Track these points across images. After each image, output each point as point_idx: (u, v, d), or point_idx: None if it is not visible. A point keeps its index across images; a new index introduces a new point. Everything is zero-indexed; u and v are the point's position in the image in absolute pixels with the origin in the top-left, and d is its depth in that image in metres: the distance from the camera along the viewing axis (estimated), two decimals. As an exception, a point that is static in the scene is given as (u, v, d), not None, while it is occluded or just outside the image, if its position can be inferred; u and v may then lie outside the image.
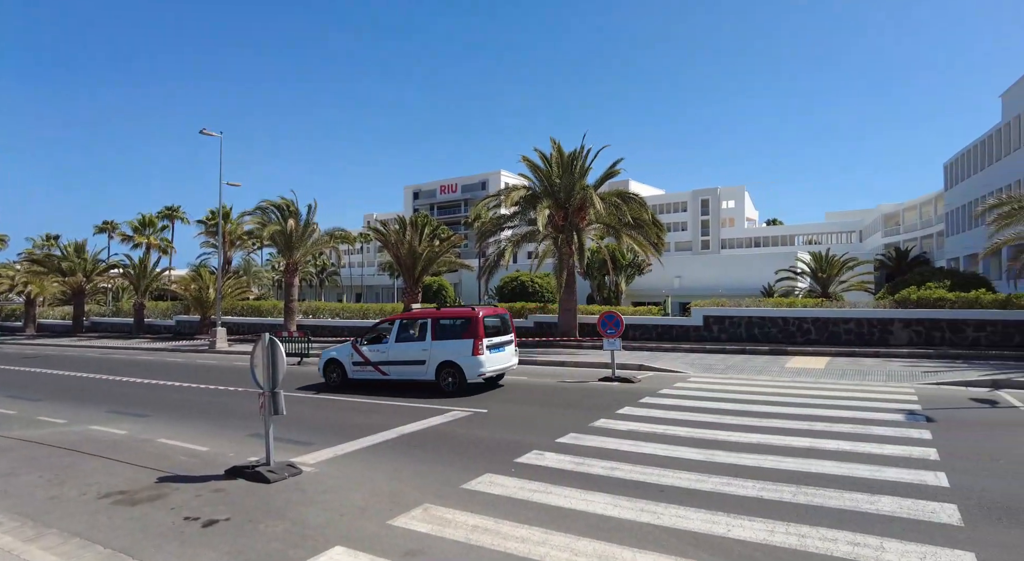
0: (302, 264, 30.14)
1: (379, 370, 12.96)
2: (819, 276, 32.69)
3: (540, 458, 7.02)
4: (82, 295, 37.52)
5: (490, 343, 12.31)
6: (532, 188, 21.79)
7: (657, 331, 21.02)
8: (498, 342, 12.63)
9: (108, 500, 5.83)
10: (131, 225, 50.32)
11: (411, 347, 12.66)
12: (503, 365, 12.72)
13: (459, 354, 12.09)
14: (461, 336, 12.24)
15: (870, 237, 68.05)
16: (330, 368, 13.68)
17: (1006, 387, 11.41)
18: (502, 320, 13.34)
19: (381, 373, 12.94)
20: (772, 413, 9.17)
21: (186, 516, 5.35)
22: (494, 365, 12.36)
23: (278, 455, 7.03)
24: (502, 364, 12.67)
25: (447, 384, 12.17)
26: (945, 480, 5.84)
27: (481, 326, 12.16)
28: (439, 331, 12.54)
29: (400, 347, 12.78)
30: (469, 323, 12.27)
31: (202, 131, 25.63)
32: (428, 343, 12.46)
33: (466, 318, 12.42)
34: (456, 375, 12.11)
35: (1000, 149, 36.03)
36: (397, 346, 12.82)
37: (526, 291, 32.70)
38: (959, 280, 22.23)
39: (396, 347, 12.82)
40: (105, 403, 12.06)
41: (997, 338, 16.32)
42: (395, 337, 12.95)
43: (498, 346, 12.59)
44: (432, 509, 5.37)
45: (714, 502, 5.38)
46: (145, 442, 8.36)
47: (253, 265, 59.58)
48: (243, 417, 10.16)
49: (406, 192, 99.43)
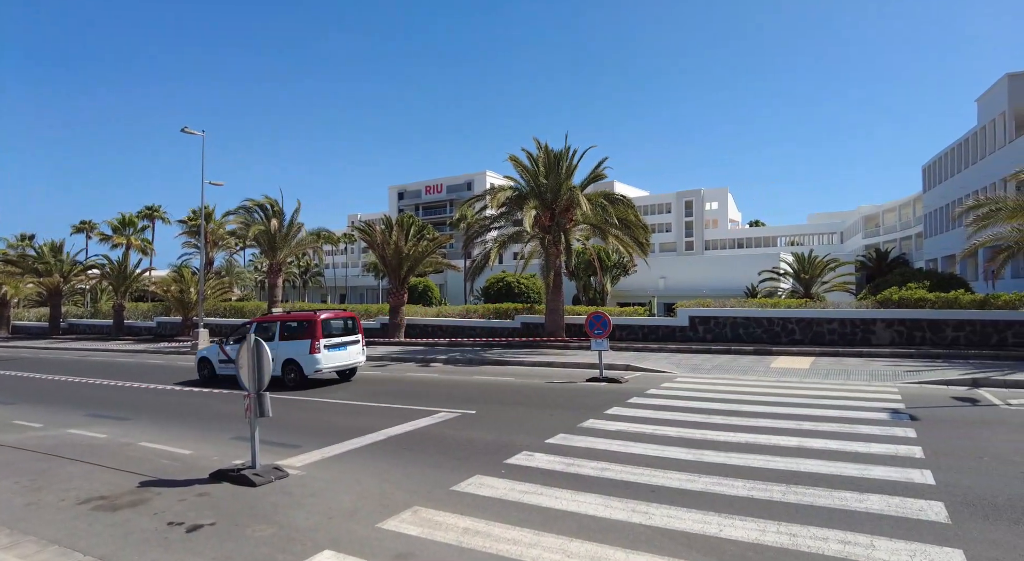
0: (285, 265, 29.82)
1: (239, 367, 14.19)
2: (802, 277, 33.10)
3: (530, 459, 6.98)
4: (59, 296, 36.76)
5: (329, 343, 13.77)
6: (518, 188, 21.76)
7: (643, 331, 21.10)
8: (339, 342, 14.03)
9: (88, 506, 5.68)
10: (110, 225, 49.34)
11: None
12: (344, 363, 14.11)
13: (299, 353, 13.59)
14: (302, 337, 13.72)
15: (851, 238, 69.09)
16: (202, 365, 15.37)
17: (985, 385, 11.61)
18: (347, 322, 14.69)
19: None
20: (759, 413, 9.23)
21: (170, 521, 5.22)
22: (332, 363, 13.77)
23: (264, 458, 6.92)
24: (343, 362, 14.06)
25: (289, 379, 13.60)
26: (931, 478, 5.91)
27: (319, 328, 13.63)
28: (285, 332, 14.07)
29: None
30: (309, 325, 13.76)
31: (183, 129, 25.26)
32: (276, 343, 13.77)
33: (307, 321, 13.96)
34: (296, 371, 13.58)
35: (976, 152, 36.80)
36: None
37: (512, 292, 32.65)
38: (938, 281, 22.64)
39: None
40: (84, 406, 11.80)
41: (975, 337, 16.62)
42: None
43: (339, 346, 14.01)
44: (422, 511, 5.31)
45: (705, 502, 5.38)
46: (126, 446, 8.18)
47: (236, 266, 58.77)
48: (227, 419, 10.00)
49: (391, 192, 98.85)
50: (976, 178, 35.49)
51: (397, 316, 24.63)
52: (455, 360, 18.22)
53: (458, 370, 16.26)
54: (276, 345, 13.75)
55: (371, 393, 12.57)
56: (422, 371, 16.26)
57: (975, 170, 36.35)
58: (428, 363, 17.96)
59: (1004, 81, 33.37)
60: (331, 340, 13.88)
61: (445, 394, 12.07)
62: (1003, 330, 16.37)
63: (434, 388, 13.05)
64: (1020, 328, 16.20)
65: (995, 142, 34.31)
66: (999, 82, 34.11)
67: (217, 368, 15.04)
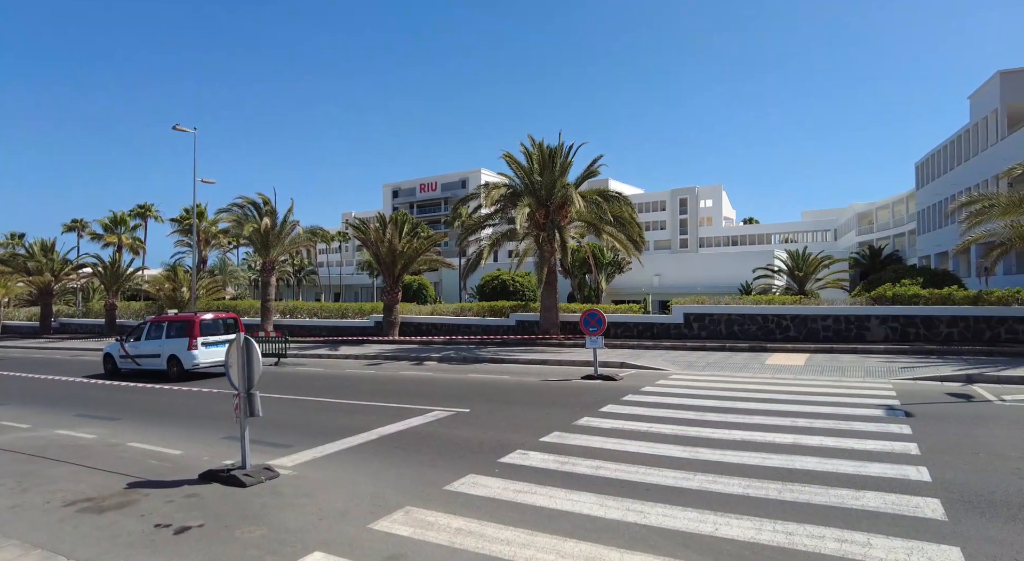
0: (279, 263, 29.65)
1: (135, 362, 16.40)
2: (796, 274, 33.19)
3: (524, 458, 6.91)
4: (50, 295, 36.41)
5: (208, 341, 15.67)
6: (513, 186, 21.68)
7: (638, 329, 21.07)
8: (217, 340, 15.89)
9: (74, 508, 5.58)
10: (101, 223, 49.03)
11: (153, 344, 16.13)
12: (220, 358, 15.50)
13: (179, 349, 15.50)
14: (183, 335, 15.59)
15: (844, 235, 69.38)
16: (106, 361, 17.13)
17: (979, 381, 11.62)
18: (226, 322, 16.72)
19: (136, 364, 16.37)
20: (755, 410, 9.20)
21: (157, 523, 5.13)
22: (209, 358, 15.60)
23: (255, 458, 6.83)
24: (219, 357, 15.54)
25: (172, 373, 15.50)
26: (927, 474, 5.88)
27: (197, 328, 15.59)
28: (171, 331, 15.96)
29: (147, 344, 16.25)
30: (188, 325, 15.68)
31: (175, 127, 25.08)
32: (163, 340, 15.91)
33: (187, 321, 15.93)
34: (178, 365, 15.47)
35: (968, 149, 36.95)
36: (146, 343, 16.29)
37: (507, 289, 32.57)
38: (931, 277, 22.71)
39: (145, 344, 16.30)
40: (73, 406, 11.66)
41: (969, 333, 16.67)
42: (145, 336, 16.42)
43: (218, 343, 15.83)
44: (414, 512, 5.24)
45: (701, 500, 5.33)
46: (114, 446, 8.07)
47: (229, 264, 58.49)
48: (218, 419, 9.89)
49: (385, 191, 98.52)
50: (969, 175, 35.65)
51: (391, 314, 24.51)
52: (449, 358, 18.14)
53: (452, 368, 16.18)
54: (163, 342, 15.87)
55: (364, 392, 12.48)
56: (416, 369, 16.18)
57: (968, 167, 36.50)
58: (422, 361, 17.87)
59: (996, 78, 33.49)
60: (209, 338, 15.74)
61: (439, 393, 12.00)
62: (996, 326, 16.43)
63: (428, 387, 12.98)
64: (1013, 324, 16.26)
65: (987, 139, 34.45)
66: (991, 79, 34.24)
67: (118, 362, 16.84)
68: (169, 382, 14.87)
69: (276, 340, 19.72)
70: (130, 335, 16.92)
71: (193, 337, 15.47)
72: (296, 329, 27.46)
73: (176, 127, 25.11)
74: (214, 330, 16.14)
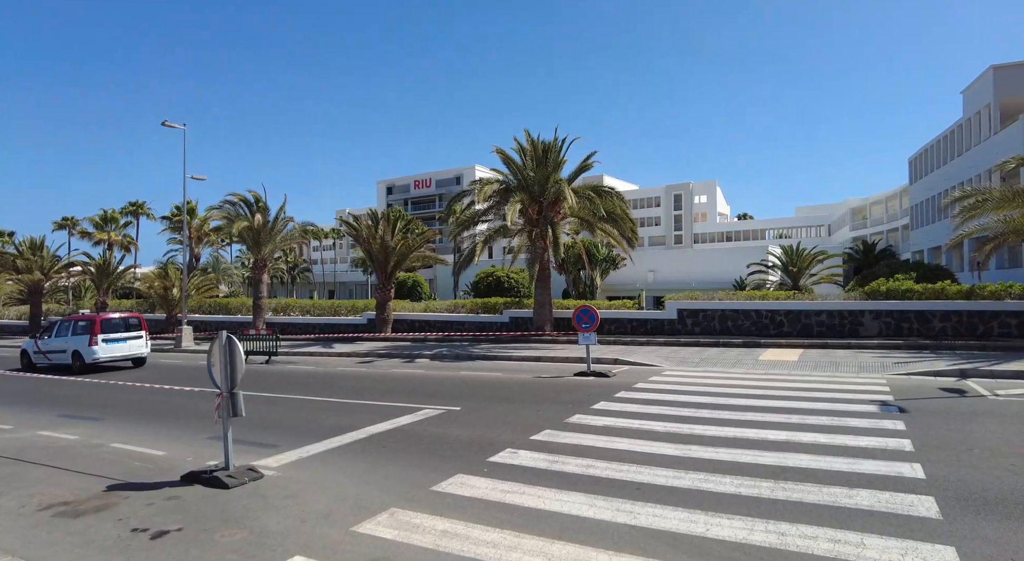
0: (272, 260, 29.42)
1: (46, 357, 18.01)
2: (790, 269, 33.17)
3: (514, 456, 6.80)
4: (39, 294, 36.02)
5: (107, 338, 17.25)
6: (505, 182, 21.52)
7: (632, 325, 20.98)
8: (117, 337, 17.55)
9: (49, 512, 5.43)
10: (92, 221, 48.56)
11: (60, 340, 17.79)
12: (124, 354, 17.72)
13: (81, 345, 17.05)
14: (85, 333, 17.15)
15: (838, 231, 69.49)
16: (23, 356, 18.82)
17: (973, 376, 11.57)
18: (129, 321, 18.34)
19: (48, 359, 17.98)
20: (748, 406, 9.11)
21: (134, 527, 4.99)
22: (110, 353, 17.31)
23: (240, 458, 6.70)
24: (122, 353, 17.64)
25: (75, 366, 17.14)
26: (921, 471, 5.79)
27: (98, 326, 17.18)
28: (76, 329, 17.58)
29: (56, 341, 17.93)
30: (90, 324, 17.32)
31: (164, 123, 24.72)
32: (68, 338, 17.52)
33: (89, 320, 17.60)
34: (80, 359, 17.04)
35: (962, 144, 36.99)
36: (55, 340, 18.00)
37: (502, 286, 32.43)
38: (925, 272, 22.72)
39: (54, 341, 17.99)
40: (57, 406, 11.48)
41: (962, 328, 16.65)
42: (55, 333, 18.15)
43: (118, 339, 17.54)
44: (399, 513, 5.11)
45: (692, 500, 5.23)
46: (96, 447, 7.91)
47: (223, 262, 58.15)
48: (204, 418, 9.72)
49: (379, 187, 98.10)
50: (962, 170, 35.69)
51: (384, 311, 24.35)
52: (442, 356, 18.01)
53: (445, 366, 16.05)
54: (68, 339, 17.51)
55: (354, 390, 12.35)
56: (408, 367, 16.04)
57: (961, 162, 36.54)
58: (414, 359, 17.73)
59: (989, 73, 33.51)
60: (110, 335, 17.37)
61: (430, 390, 11.87)
62: (989, 320, 16.41)
63: (419, 384, 12.85)
64: (1006, 318, 16.25)
65: (980, 134, 34.49)
66: (984, 74, 34.25)
67: (33, 358, 18.42)
68: (74, 374, 16.60)
69: (267, 338, 19.56)
70: (44, 333, 18.79)
71: (94, 334, 17.06)
72: (289, 327, 27.26)
73: (165, 123, 24.76)
74: (116, 328, 17.79)
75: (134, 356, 18.14)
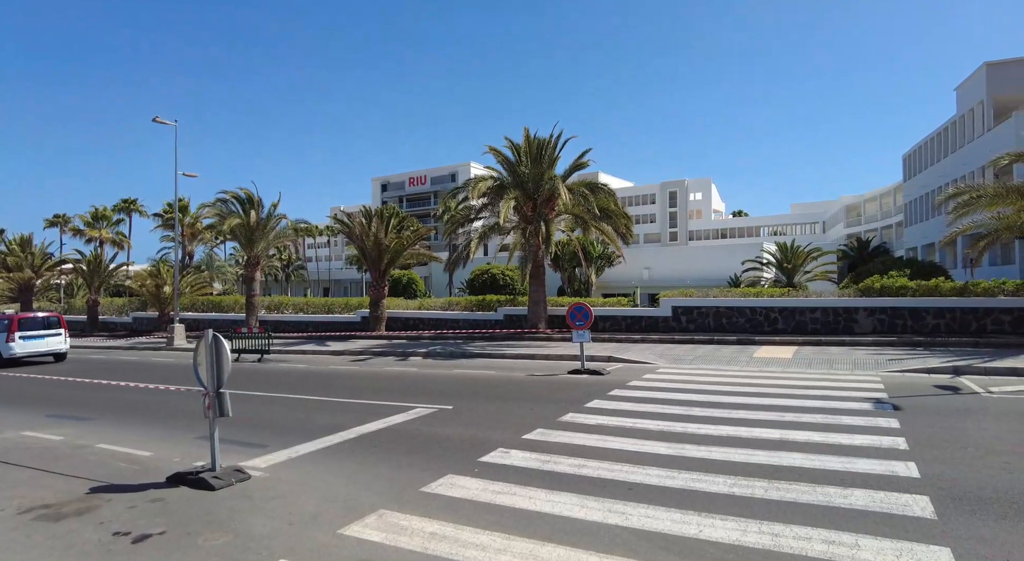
0: (266, 258, 29.22)
1: None
2: (785, 266, 33.24)
3: (505, 456, 6.71)
4: (30, 292, 35.74)
5: (25, 335, 18.86)
6: (500, 179, 21.40)
7: (626, 322, 20.93)
8: (35, 334, 19.17)
9: (29, 515, 5.31)
10: (83, 219, 48.16)
11: None
12: (43, 350, 19.34)
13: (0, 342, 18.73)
14: (3, 331, 18.70)
15: (833, 228, 69.67)
16: None
17: (967, 373, 11.56)
18: (48, 319, 20.00)
19: None
20: (741, 404, 9.05)
21: (116, 531, 4.88)
22: (28, 349, 18.91)
23: (228, 459, 6.60)
24: (40, 349, 19.28)
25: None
26: (915, 470, 5.74)
27: (15, 324, 18.81)
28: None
29: None
30: (8, 322, 18.92)
31: (155, 119, 24.51)
32: None
33: (8, 319, 19.15)
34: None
35: (955, 141, 37.06)
36: None
37: (497, 283, 32.33)
38: (919, 269, 22.79)
39: None
40: (45, 406, 11.32)
41: (956, 325, 16.66)
42: None
43: (36, 336, 19.18)
44: (387, 515, 5.02)
45: (684, 500, 5.15)
46: (82, 448, 7.77)
47: (216, 259, 57.84)
48: (194, 418, 9.57)
49: (374, 184, 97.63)
50: (956, 166, 35.76)
51: (378, 309, 24.22)
52: (435, 353, 17.92)
53: (438, 364, 15.96)
54: None
55: (346, 389, 12.24)
56: (401, 365, 15.94)
57: (955, 159, 36.61)
58: (407, 357, 17.63)
59: (983, 70, 33.55)
60: (28, 333, 18.92)
61: (423, 389, 11.78)
62: (982, 317, 16.43)
63: (412, 383, 12.75)
64: (999, 315, 16.27)
65: (974, 130, 34.55)
66: (978, 71, 34.30)
67: None
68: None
69: (259, 336, 19.42)
70: None
71: (11, 332, 18.54)
72: (282, 325, 27.11)
73: (156, 119, 24.54)
74: (35, 326, 19.37)
75: (53, 352, 19.69)
